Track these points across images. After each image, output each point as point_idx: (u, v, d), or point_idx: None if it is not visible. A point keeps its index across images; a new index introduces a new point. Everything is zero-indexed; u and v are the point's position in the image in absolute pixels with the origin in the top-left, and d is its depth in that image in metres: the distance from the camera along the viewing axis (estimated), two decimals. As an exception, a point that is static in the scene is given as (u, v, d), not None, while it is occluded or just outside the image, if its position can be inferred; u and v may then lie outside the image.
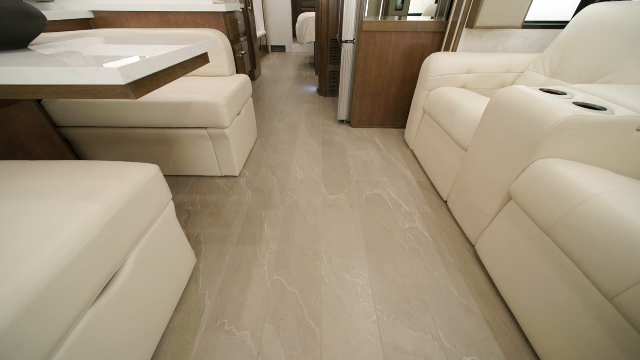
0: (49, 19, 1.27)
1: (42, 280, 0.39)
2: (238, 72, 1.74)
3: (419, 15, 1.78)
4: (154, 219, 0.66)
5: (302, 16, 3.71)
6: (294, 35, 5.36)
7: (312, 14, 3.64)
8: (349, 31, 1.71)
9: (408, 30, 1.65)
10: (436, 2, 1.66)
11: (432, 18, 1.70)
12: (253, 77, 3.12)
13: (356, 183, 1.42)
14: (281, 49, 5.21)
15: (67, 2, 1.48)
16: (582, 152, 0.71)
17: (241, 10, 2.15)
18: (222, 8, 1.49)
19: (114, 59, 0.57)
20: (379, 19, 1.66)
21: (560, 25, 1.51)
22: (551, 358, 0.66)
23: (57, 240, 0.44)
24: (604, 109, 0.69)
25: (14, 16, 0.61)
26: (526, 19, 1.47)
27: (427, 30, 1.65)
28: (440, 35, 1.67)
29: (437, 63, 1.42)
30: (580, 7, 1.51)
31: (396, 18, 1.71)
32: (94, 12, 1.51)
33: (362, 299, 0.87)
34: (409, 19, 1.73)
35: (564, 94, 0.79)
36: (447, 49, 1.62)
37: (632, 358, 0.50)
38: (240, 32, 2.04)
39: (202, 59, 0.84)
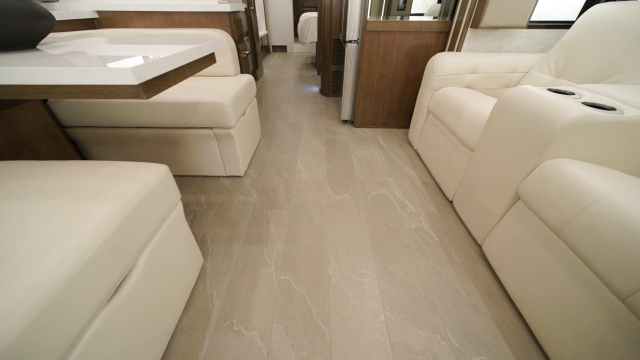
0: (53, 18, 1.27)
1: (54, 283, 0.39)
2: (242, 72, 1.74)
3: (421, 15, 1.78)
4: (164, 219, 0.66)
5: (304, 16, 3.70)
6: (295, 35, 5.37)
7: (314, 14, 3.63)
8: (352, 31, 1.71)
9: (412, 30, 1.65)
10: (439, 2, 1.66)
11: (434, 18, 1.69)
12: (255, 77, 3.12)
13: (361, 183, 1.42)
14: (282, 48, 5.21)
15: (71, 1, 1.48)
16: (591, 152, 0.70)
17: (244, 10, 2.15)
18: (226, 8, 1.48)
19: (124, 59, 0.57)
20: (381, 19, 1.66)
21: (565, 25, 1.51)
22: (560, 357, 0.66)
23: (70, 241, 0.43)
24: (613, 108, 0.69)
25: (24, 16, 0.61)
26: (531, 19, 1.47)
27: (432, 30, 1.65)
28: (444, 35, 1.67)
29: (442, 63, 1.42)
30: (585, 7, 1.51)
31: (398, 18, 1.70)
32: (98, 12, 1.50)
33: (370, 299, 0.87)
34: (411, 18, 1.73)
35: (572, 93, 0.79)
36: (451, 49, 1.62)
37: (644, 358, 0.50)
38: (244, 32, 2.04)
39: (209, 59, 0.84)
